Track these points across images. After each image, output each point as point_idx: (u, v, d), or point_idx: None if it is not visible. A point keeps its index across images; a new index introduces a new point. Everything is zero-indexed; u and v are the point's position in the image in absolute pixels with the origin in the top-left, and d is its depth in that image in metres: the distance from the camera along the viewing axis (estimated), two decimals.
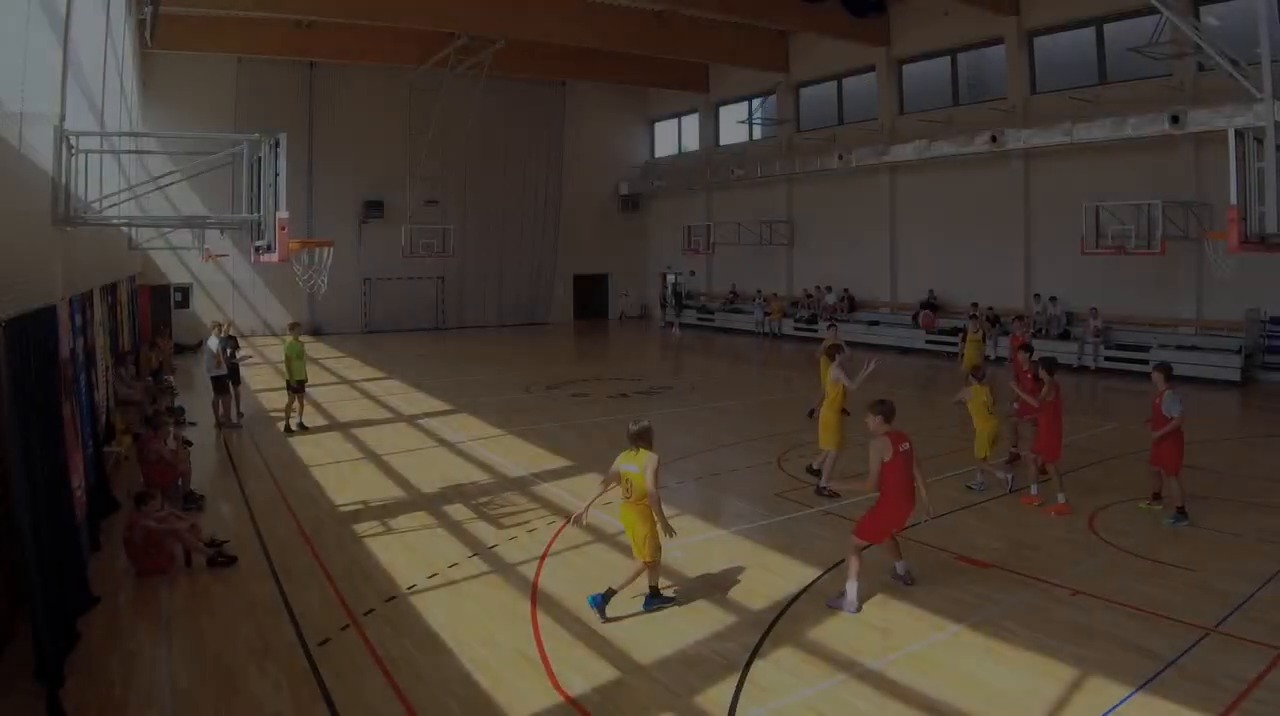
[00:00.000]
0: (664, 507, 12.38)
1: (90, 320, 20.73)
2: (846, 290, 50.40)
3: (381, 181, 56.30)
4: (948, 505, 17.58)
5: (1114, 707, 9.97)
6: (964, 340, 30.63)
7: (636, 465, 12.50)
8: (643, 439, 12.72)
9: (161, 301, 50.07)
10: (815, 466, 19.94)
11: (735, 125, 60.35)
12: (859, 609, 12.32)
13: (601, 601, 12.51)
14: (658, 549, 12.69)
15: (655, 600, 12.96)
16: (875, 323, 47.93)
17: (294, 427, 26.41)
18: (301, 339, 27.59)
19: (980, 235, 43.47)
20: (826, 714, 10.05)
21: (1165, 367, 18.19)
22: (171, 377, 33.94)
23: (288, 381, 26.67)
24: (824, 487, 18.72)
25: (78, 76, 18.66)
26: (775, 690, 10.56)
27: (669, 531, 12.66)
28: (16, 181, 11.91)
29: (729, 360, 43.14)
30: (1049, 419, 18.06)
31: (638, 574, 12.81)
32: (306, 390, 27.41)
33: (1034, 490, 17.93)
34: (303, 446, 24.32)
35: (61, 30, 15.37)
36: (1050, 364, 18.53)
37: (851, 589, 12.50)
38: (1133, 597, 12.94)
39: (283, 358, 27.13)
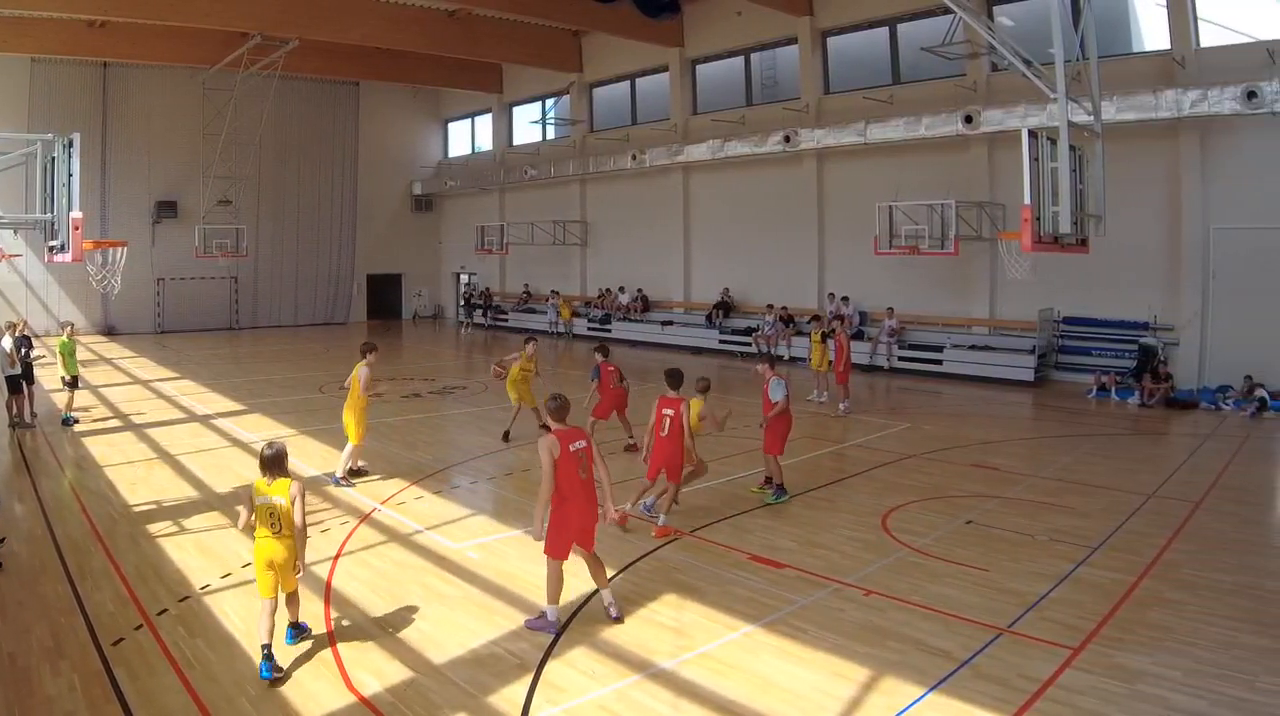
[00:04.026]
0: (457, 508, 11.77)
1: None
2: (640, 290, 50.31)
3: (175, 182, 55.49)
4: (743, 504, 17.38)
5: (908, 707, 9.90)
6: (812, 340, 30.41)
7: (284, 496, 10.98)
8: (279, 465, 11.16)
9: None
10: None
11: (529, 125, 60.48)
12: (557, 631, 11.81)
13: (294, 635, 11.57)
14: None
15: (299, 632, 11.74)
16: (669, 322, 48.01)
17: (69, 419, 26.28)
18: (75, 337, 27.84)
19: (775, 235, 43.65)
20: (620, 714, 9.88)
21: (770, 358, 18.70)
22: None
23: (63, 377, 26.93)
24: (340, 478, 19.53)
25: None
26: (569, 690, 10.36)
27: (301, 567, 11.38)
28: None
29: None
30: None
31: (297, 598, 11.61)
32: (103, 387, 26.77)
33: (661, 520, 16.49)
34: (96, 446, 23.58)
35: None
36: (674, 378, 16.90)
37: (551, 610, 11.97)
38: (926, 597, 12.86)
39: (58, 355, 27.23)
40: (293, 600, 11.47)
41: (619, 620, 12.05)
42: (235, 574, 13.79)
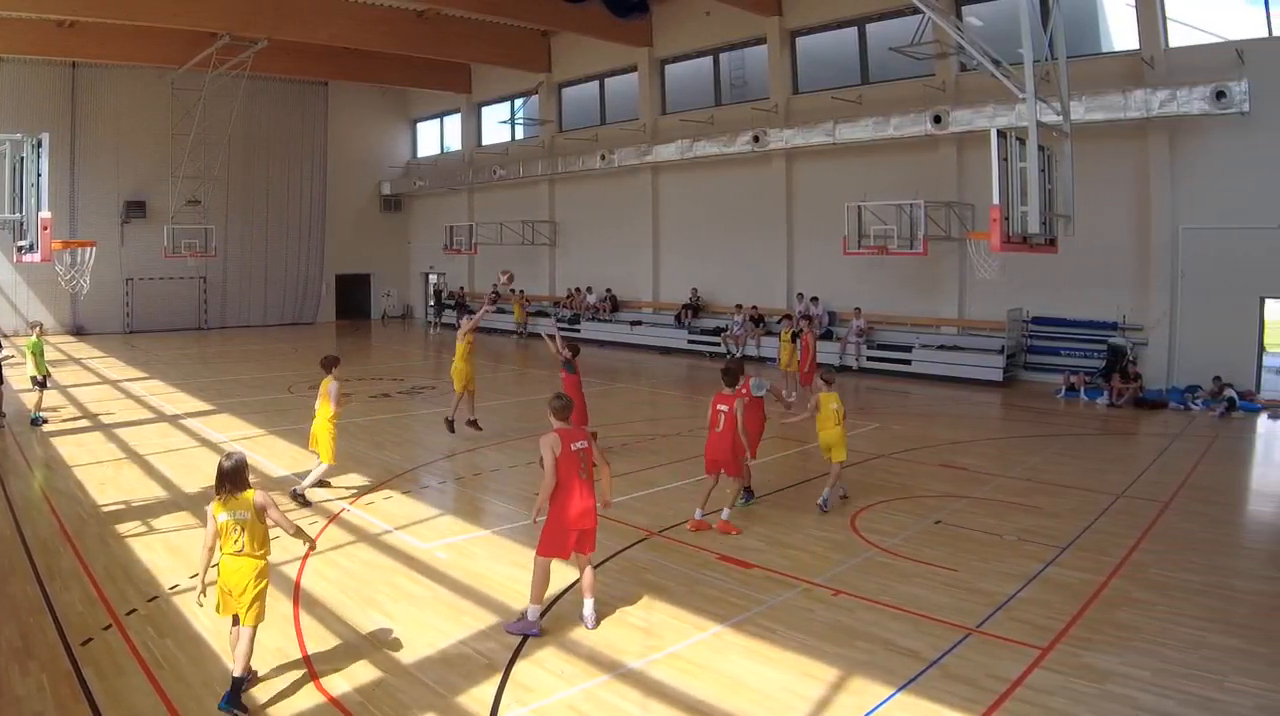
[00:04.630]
0: (425, 508, 11.51)
1: None
2: (609, 290, 50.26)
3: (144, 182, 55.19)
4: (710, 504, 17.14)
5: (876, 707, 9.88)
6: (781, 340, 30.38)
7: (247, 510, 10.02)
8: (238, 479, 10.10)
9: None
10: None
11: (498, 125, 60.41)
12: (540, 631, 11.72)
13: (231, 700, 9.71)
14: (262, 613, 10.22)
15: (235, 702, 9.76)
16: (638, 323, 47.99)
17: (38, 419, 26.10)
18: (44, 337, 27.65)
19: (743, 235, 43.68)
20: (589, 714, 9.85)
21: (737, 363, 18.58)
22: None
23: (32, 377, 26.71)
24: (300, 492, 18.22)
25: None
26: (538, 690, 10.33)
27: (309, 540, 11.06)
28: None
29: (490, 361, 42.66)
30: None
31: (250, 645, 10.02)
32: (72, 387, 26.79)
33: (725, 513, 16.64)
34: (65, 446, 23.45)
35: None
36: (730, 375, 17.13)
37: (533, 610, 11.85)
38: (895, 597, 12.84)
39: (27, 355, 27.08)
40: (245, 638, 9.94)
41: (593, 627, 11.91)
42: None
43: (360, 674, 10.70)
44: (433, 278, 66.18)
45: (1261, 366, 30.02)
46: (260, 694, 10.10)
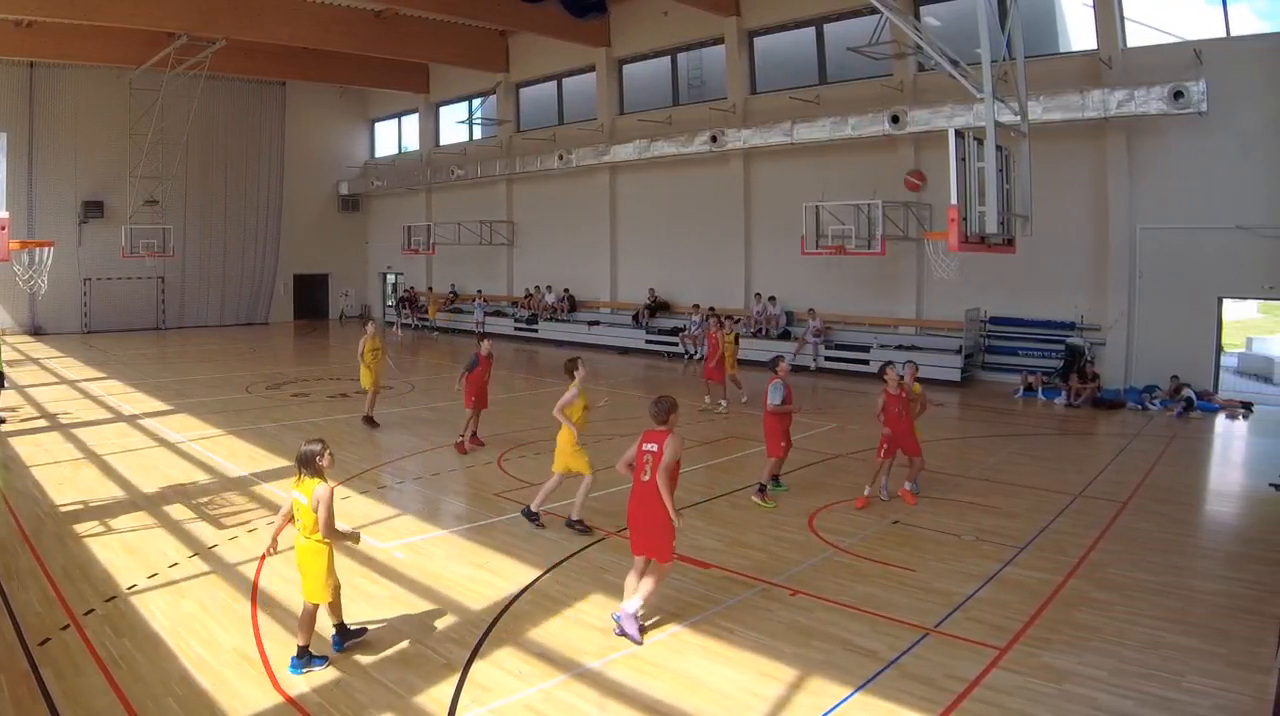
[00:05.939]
0: (383, 508, 11.47)
1: None
2: (567, 290, 50.15)
3: (102, 182, 54.85)
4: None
5: (834, 707, 9.87)
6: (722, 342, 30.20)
7: (305, 495, 10.90)
8: (308, 466, 10.93)
9: None
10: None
11: (456, 125, 60.17)
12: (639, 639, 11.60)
13: (303, 663, 10.82)
14: (336, 587, 11.23)
15: (345, 636, 11.46)
16: (595, 323, 47.97)
17: None
18: (2, 337, 28.36)
19: (701, 235, 43.71)
20: (546, 714, 9.85)
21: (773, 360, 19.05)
22: None
23: None
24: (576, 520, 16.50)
25: None
26: (495, 690, 10.31)
27: (353, 537, 11.45)
28: None
29: (450, 360, 42.52)
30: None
31: (312, 619, 11.13)
32: (30, 387, 26.96)
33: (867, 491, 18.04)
34: (23, 446, 23.23)
35: None
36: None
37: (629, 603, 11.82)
38: (853, 597, 12.84)
39: None
40: (332, 609, 11.23)
41: (627, 635, 11.53)
42: (161, 574, 13.70)
43: (318, 674, 10.64)
44: (390, 277, 66.35)
45: (1219, 366, 30.18)
46: (218, 694, 10.08)
